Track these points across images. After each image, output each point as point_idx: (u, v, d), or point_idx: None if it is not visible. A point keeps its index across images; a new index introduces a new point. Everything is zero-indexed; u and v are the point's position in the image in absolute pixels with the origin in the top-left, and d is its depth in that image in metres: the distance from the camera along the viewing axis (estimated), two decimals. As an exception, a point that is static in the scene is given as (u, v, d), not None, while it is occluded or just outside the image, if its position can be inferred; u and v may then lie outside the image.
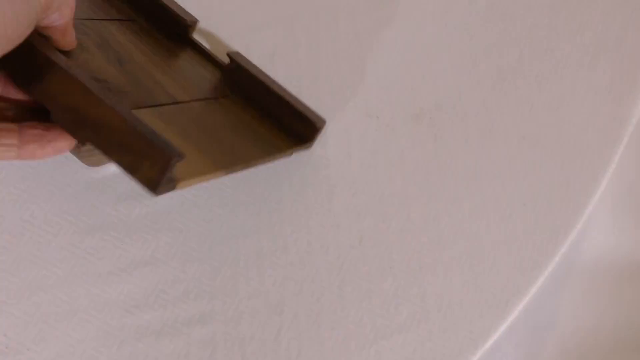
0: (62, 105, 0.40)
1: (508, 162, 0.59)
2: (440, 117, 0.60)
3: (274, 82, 0.56)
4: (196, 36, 0.58)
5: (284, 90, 0.57)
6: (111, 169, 0.55)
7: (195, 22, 0.57)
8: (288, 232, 0.55)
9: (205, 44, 0.59)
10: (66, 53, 0.44)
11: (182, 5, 0.57)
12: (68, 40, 0.44)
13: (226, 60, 0.57)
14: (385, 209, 0.57)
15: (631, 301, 0.68)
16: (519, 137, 0.60)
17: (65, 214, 0.54)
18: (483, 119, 0.60)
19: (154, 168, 0.39)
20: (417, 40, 0.63)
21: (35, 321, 0.51)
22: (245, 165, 0.50)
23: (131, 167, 0.40)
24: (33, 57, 0.40)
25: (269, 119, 0.56)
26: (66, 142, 0.42)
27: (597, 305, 0.67)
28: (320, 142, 0.58)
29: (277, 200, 0.56)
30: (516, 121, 0.60)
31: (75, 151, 0.50)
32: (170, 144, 0.39)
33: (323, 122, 0.57)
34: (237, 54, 0.57)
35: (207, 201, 0.56)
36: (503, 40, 0.63)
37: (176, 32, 0.57)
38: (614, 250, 0.68)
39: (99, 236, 0.54)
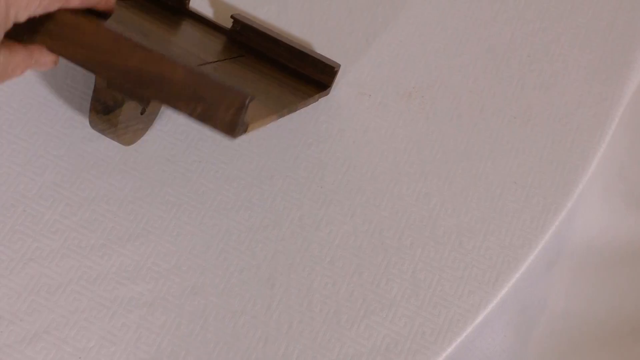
0: (121, 70, 0.41)
1: (499, 140, 0.59)
2: (432, 95, 0.61)
3: (283, 35, 0.58)
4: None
5: (295, 42, 0.58)
6: (104, 142, 0.56)
7: None
8: (280, 207, 0.56)
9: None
10: None
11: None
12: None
13: (227, 24, 0.58)
14: (377, 186, 0.57)
15: (621, 284, 0.68)
16: (510, 116, 0.60)
17: (58, 187, 0.55)
18: (474, 98, 0.61)
19: (229, 111, 0.40)
20: (410, 19, 0.63)
21: (28, 292, 0.52)
22: (290, 110, 0.52)
23: (205, 116, 0.41)
24: (81, 30, 0.40)
25: (286, 71, 0.57)
26: None
27: (588, 288, 0.67)
28: (313, 119, 0.59)
29: (269, 175, 0.56)
30: (507, 100, 0.61)
31: (112, 130, 0.50)
32: (241, 88, 0.40)
33: (338, 65, 0.58)
34: (241, 15, 0.58)
35: (199, 175, 0.56)
36: (495, 20, 0.64)
37: (173, 6, 0.58)
38: (606, 232, 0.68)
39: (92, 209, 0.54)
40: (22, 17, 0.39)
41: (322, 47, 0.61)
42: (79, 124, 0.56)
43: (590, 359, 0.65)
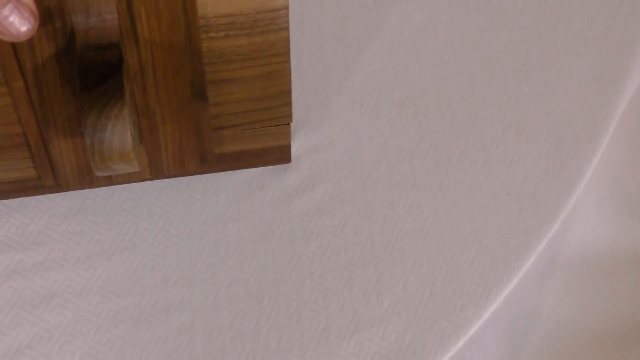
0: None
1: (493, 150, 0.58)
2: (425, 104, 0.60)
3: None
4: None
5: None
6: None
7: None
8: (269, 219, 0.55)
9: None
10: None
11: None
12: None
13: None
14: (368, 197, 0.56)
15: (615, 294, 0.67)
16: (504, 125, 0.59)
17: (42, 198, 0.54)
18: (468, 106, 0.60)
19: None
20: (403, 26, 0.63)
21: (11, 306, 0.51)
22: None
23: None
24: None
25: None
26: None
27: (581, 297, 0.66)
28: (304, 129, 0.58)
29: (258, 187, 0.56)
30: (502, 109, 0.60)
31: (117, 120, 0.41)
32: None
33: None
34: None
35: (187, 187, 0.55)
36: (490, 26, 0.63)
37: None
38: (599, 242, 0.68)
39: (77, 221, 0.53)
40: None
41: (313, 55, 0.60)
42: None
43: (583, 369, 0.65)
